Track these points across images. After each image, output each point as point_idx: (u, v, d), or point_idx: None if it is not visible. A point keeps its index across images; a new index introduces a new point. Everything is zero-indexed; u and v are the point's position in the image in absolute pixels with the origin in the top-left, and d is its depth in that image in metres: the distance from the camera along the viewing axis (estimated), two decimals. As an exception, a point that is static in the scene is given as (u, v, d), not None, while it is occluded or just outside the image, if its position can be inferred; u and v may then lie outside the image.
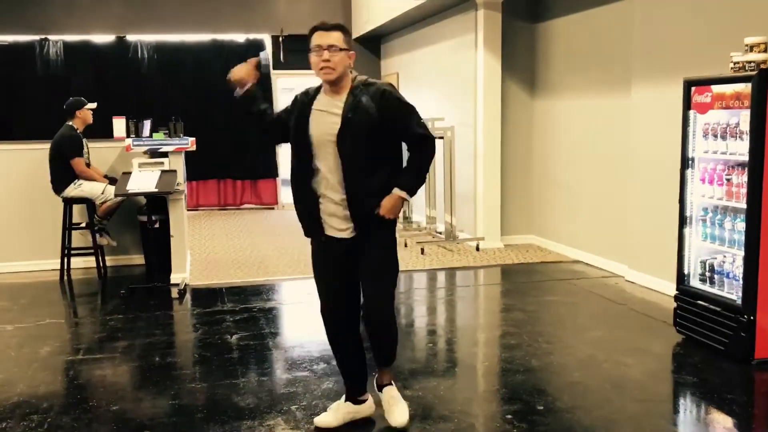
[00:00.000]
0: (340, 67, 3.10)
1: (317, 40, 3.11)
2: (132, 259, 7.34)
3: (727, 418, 3.60)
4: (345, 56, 3.12)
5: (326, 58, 3.08)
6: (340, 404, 3.50)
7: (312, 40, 3.14)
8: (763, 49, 4.17)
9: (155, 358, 4.55)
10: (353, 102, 3.13)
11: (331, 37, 3.09)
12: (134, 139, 6.90)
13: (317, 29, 3.15)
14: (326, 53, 3.07)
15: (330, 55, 3.07)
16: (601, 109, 6.82)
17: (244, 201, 11.74)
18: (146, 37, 11.15)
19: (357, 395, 3.49)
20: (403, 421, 3.39)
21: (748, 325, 4.17)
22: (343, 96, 3.17)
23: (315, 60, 3.12)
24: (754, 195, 4.12)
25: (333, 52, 3.08)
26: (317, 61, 3.11)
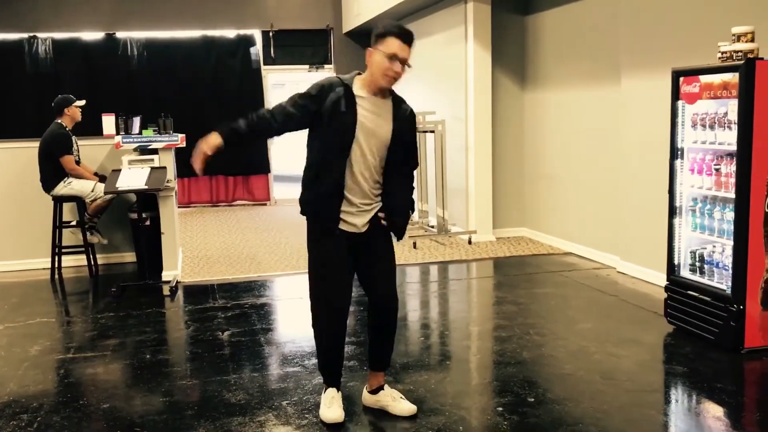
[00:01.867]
0: (401, 78, 3.22)
1: (397, 49, 3.14)
2: (123, 256, 7.32)
3: (717, 408, 3.61)
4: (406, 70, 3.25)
5: (398, 71, 3.17)
6: (339, 396, 3.51)
7: (388, 44, 3.14)
8: (750, 38, 4.17)
9: (146, 356, 4.54)
10: (401, 112, 3.31)
11: (407, 51, 3.16)
12: (124, 136, 6.87)
13: (397, 36, 3.14)
14: (400, 66, 3.16)
15: (402, 69, 3.18)
16: (591, 100, 6.82)
17: (236, 197, 11.71)
18: (136, 34, 11.09)
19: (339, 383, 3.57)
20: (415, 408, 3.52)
21: (737, 314, 4.18)
22: (388, 101, 3.30)
23: (386, 66, 3.15)
24: (742, 185, 4.13)
25: (404, 67, 3.19)
26: (388, 69, 3.15)
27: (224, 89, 11.38)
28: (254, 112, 3.38)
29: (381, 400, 3.56)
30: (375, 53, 3.18)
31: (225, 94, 11.37)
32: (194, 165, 3.31)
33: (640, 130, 5.92)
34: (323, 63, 11.61)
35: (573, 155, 7.17)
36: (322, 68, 11.64)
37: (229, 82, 11.40)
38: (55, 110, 6.76)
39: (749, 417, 3.58)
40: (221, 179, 11.64)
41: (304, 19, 11.42)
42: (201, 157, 3.31)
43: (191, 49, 11.29)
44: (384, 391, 3.58)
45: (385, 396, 3.56)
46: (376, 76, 3.19)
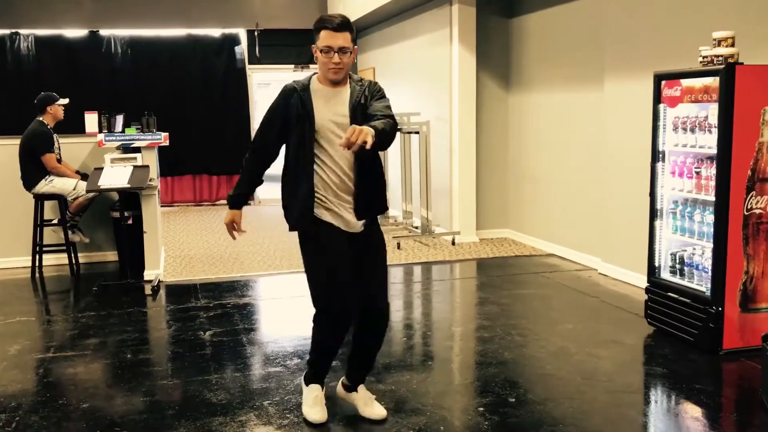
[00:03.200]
0: (347, 67, 3.13)
1: (327, 41, 3.06)
2: (105, 255, 7.27)
3: (695, 408, 3.65)
4: (352, 57, 3.13)
5: (337, 61, 3.07)
6: (319, 395, 3.48)
7: (321, 38, 3.09)
8: (731, 43, 4.22)
9: (127, 355, 4.51)
10: (357, 94, 3.16)
11: (341, 38, 3.05)
12: (106, 134, 6.83)
13: (326, 27, 3.08)
14: (336, 56, 3.06)
15: (340, 57, 3.07)
16: (575, 103, 6.87)
17: (219, 197, 11.66)
18: (120, 32, 11.03)
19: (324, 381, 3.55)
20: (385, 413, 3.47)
21: (716, 316, 4.23)
22: (345, 88, 3.19)
23: (324, 60, 3.09)
24: (722, 188, 4.17)
25: (343, 54, 3.07)
26: (327, 62, 3.09)
27: (209, 88, 11.34)
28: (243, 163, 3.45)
29: (355, 399, 3.52)
30: (315, 51, 3.16)
31: (209, 93, 11.34)
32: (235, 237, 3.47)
33: (622, 133, 5.96)
34: (308, 62, 11.59)
35: (556, 157, 7.22)
36: (307, 68, 11.62)
37: (213, 81, 11.37)
38: (38, 108, 6.70)
39: (727, 417, 3.62)
40: (205, 178, 11.59)
41: (289, 19, 11.40)
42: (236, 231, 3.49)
43: (176, 47, 11.24)
44: (357, 393, 3.52)
45: (358, 398, 3.50)
46: (322, 72, 3.17)
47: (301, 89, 3.22)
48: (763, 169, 4.17)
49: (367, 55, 11.18)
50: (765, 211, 4.20)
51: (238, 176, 11.51)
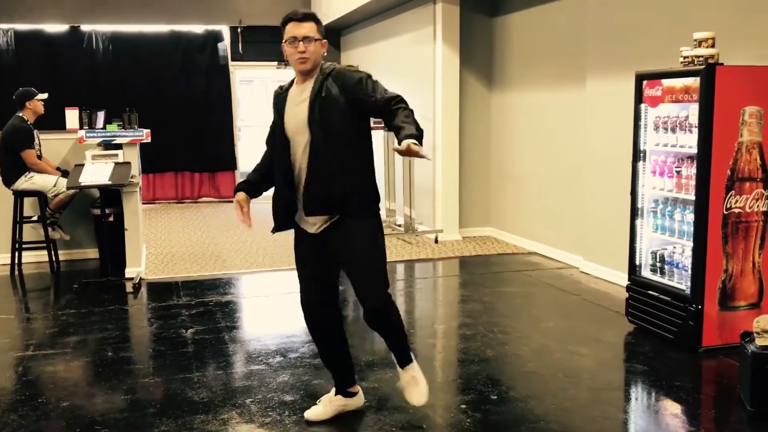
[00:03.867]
0: (314, 56, 3.11)
1: (291, 31, 3.09)
2: (85, 253, 7.20)
3: (675, 405, 3.69)
4: (319, 46, 3.13)
5: (302, 50, 3.08)
6: (330, 397, 3.48)
7: (286, 31, 3.12)
8: (711, 44, 4.26)
9: (108, 353, 4.48)
10: (318, 87, 3.12)
11: (305, 27, 3.08)
12: (87, 130, 6.78)
13: (291, 20, 3.12)
14: (301, 45, 3.07)
15: (305, 46, 3.08)
16: (557, 102, 6.90)
17: (201, 194, 11.60)
18: (101, 27, 10.92)
19: (346, 387, 3.47)
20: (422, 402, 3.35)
21: (696, 314, 4.27)
22: (309, 83, 3.16)
23: (290, 51, 3.11)
24: (702, 187, 4.21)
25: (307, 42, 3.08)
26: (293, 52, 3.10)
27: (191, 85, 11.27)
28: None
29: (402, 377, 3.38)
30: (283, 48, 3.16)
31: (192, 90, 11.27)
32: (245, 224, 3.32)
33: (603, 132, 6.01)
34: (291, 60, 11.56)
35: (538, 156, 7.25)
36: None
37: (196, 77, 11.30)
38: (17, 103, 6.63)
39: (705, 414, 3.66)
40: (187, 175, 11.51)
41: (272, 16, 11.33)
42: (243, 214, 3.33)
43: (158, 43, 11.16)
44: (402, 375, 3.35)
45: (401, 379, 3.37)
46: (293, 66, 3.18)
47: (281, 91, 3.27)
48: (742, 168, 4.21)
49: (351, 52, 11.17)
50: (744, 210, 4.25)
51: (219, 173, 11.49)
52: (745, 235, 4.28)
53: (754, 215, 4.27)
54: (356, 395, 3.51)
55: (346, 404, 3.47)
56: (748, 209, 4.25)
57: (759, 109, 4.19)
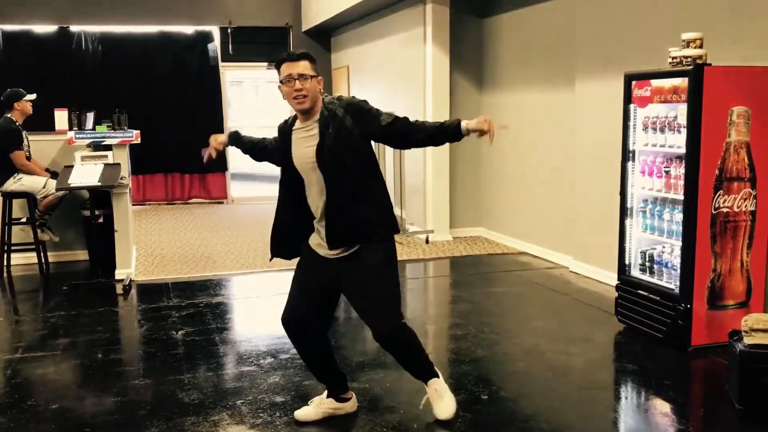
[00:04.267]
0: (312, 93, 3.13)
1: (287, 71, 3.11)
2: (75, 254, 7.17)
3: (664, 404, 3.71)
4: (315, 83, 3.15)
5: (298, 87, 3.10)
6: (322, 399, 3.47)
7: (281, 72, 3.15)
8: (699, 44, 4.28)
9: (98, 355, 4.46)
10: (326, 119, 3.14)
11: (300, 66, 3.10)
12: (77, 131, 6.76)
13: (284, 60, 3.15)
14: (297, 83, 3.09)
15: (301, 83, 3.10)
16: (547, 103, 6.92)
17: (192, 195, 11.57)
18: (91, 28, 10.87)
19: (339, 394, 3.48)
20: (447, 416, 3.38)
21: (685, 313, 4.29)
22: (314, 119, 3.18)
23: (287, 90, 3.13)
24: (690, 187, 4.24)
25: (303, 80, 3.10)
26: (290, 91, 3.12)
27: (181, 85, 11.23)
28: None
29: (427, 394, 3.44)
30: (279, 87, 3.19)
31: (182, 91, 11.23)
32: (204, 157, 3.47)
33: (593, 133, 6.03)
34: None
35: (528, 157, 7.27)
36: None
37: (186, 78, 11.27)
38: (5, 104, 6.59)
39: (694, 412, 3.69)
40: (177, 177, 11.48)
41: (262, 17, 11.35)
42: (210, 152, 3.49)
43: (148, 44, 11.12)
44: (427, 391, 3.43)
45: (427, 395, 3.44)
46: (291, 106, 3.19)
47: (286, 126, 3.31)
48: (731, 168, 4.24)
49: (341, 53, 11.17)
50: (732, 210, 4.28)
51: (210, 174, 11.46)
52: (734, 234, 4.30)
53: (742, 215, 4.30)
54: (349, 401, 3.51)
55: (337, 408, 3.47)
56: (736, 209, 4.28)
57: (746, 109, 4.22)
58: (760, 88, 4.26)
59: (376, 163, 3.27)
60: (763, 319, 3.53)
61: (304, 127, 3.20)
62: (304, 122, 3.21)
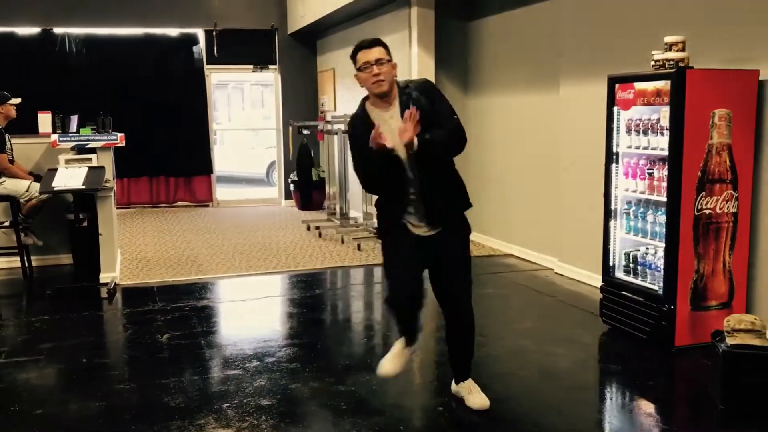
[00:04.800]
0: (388, 77, 3.24)
1: (363, 58, 3.23)
2: (59, 258, 7.12)
3: (648, 404, 3.74)
4: (390, 67, 3.26)
5: (376, 72, 3.21)
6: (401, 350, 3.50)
7: (358, 60, 3.26)
8: (682, 47, 4.33)
9: (83, 360, 4.43)
10: (405, 102, 3.25)
11: (374, 52, 3.22)
12: (61, 134, 6.70)
13: (360, 48, 3.26)
14: (375, 67, 3.21)
15: (378, 68, 3.21)
16: (532, 105, 6.96)
17: (177, 198, 11.51)
18: (74, 30, 10.80)
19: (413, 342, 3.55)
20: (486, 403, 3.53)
21: (668, 314, 4.33)
22: (395, 103, 3.29)
23: (365, 76, 3.24)
24: (673, 188, 4.28)
25: (380, 65, 3.22)
26: (368, 77, 3.23)
27: (166, 88, 11.19)
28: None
29: (461, 390, 3.62)
30: (357, 75, 3.30)
31: (167, 94, 11.18)
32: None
33: (577, 135, 6.07)
34: (267, 63, 11.54)
35: (513, 159, 7.31)
36: (267, 69, 11.56)
37: (171, 80, 11.22)
38: (-12, 107, 6.54)
39: (678, 412, 3.72)
40: (162, 180, 11.42)
41: (248, 19, 11.33)
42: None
43: (132, 46, 11.07)
44: (464, 383, 3.61)
45: (464, 387, 3.61)
46: (370, 91, 3.29)
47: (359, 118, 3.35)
48: (713, 170, 4.28)
49: (327, 56, 11.17)
50: (714, 212, 4.32)
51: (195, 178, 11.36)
52: (716, 236, 4.35)
53: (724, 216, 4.34)
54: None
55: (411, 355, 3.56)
56: (719, 210, 4.32)
57: (728, 111, 4.26)
58: (742, 90, 4.31)
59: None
60: (745, 320, 3.57)
61: (389, 113, 3.28)
62: (385, 109, 3.29)
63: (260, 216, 10.40)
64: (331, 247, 7.83)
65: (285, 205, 11.52)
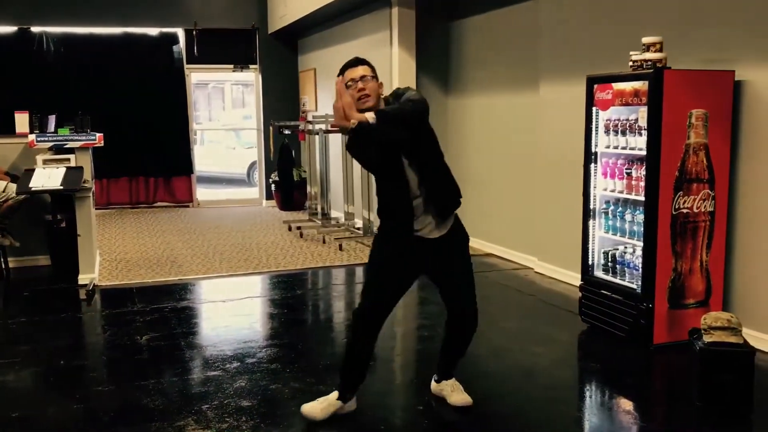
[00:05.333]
0: (373, 93, 3.28)
1: (349, 76, 3.30)
2: (37, 259, 7.03)
3: (627, 402, 3.77)
4: (375, 84, 3.32)
5: (361, 87, 3.27)
6: (330, 401, 3.48)
7: (344, 78, 3.33)
8: (659, 48, 4.37)
9: (61, 362, 4.38)
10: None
11: (359, 70, 3.31)
12: (38, 134, 6.63)
13: (344, 68, 3.35)
14: (360, 83, 3.27)
15: (363, 84, 3.27)
16: (512, 106, 6.99)
17: (157, 199, 11.43)
18: (52, 29, 10.69)
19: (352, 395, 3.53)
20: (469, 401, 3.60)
21: (647, 312, 4.37)
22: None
23: (352, 93, 3.26)
24: (651, 188, 4.32)
25: (365, 81, 3.27)
26: (354, 93, 3.26)
27: (146, 87, 11.10)
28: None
29: (443, 389, 3.67)
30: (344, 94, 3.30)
31: (146, 93, 11.09)
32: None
33: (556, 135, 6.11)
34: (248, 63, 11.49)
35: (494, 159, 7.34)
36: (247, 68, 11.52)
37: (150, 80, 11.14)
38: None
39: (656, 410, 3.76)
40: (141, 180, 11.33)
41: (228, 19, 11.27)
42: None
43: (111, 45, 10.97)
44: (447, 381, 3.68)
45: (446, 386, 3.67)
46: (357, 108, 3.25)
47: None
48: (690, 170, 4.33)
49: (308, 56, 11.15)
50: (692, 211, 4.37)
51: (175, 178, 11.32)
52: (693, 234, 4.39)
53: (701, 215, 4.39)
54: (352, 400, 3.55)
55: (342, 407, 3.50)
56: (696, 210, 4.37)
57: (705, 111, 4.31)
58: (718, 91, 4.36)
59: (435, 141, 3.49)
60: (721, 318, 3.61)
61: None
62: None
63: (241, 216, 10.36)
64: (313, 248, 7.82)
65: (266, 205, 11.48)
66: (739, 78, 4.39)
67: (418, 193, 3.33)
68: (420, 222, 3.36)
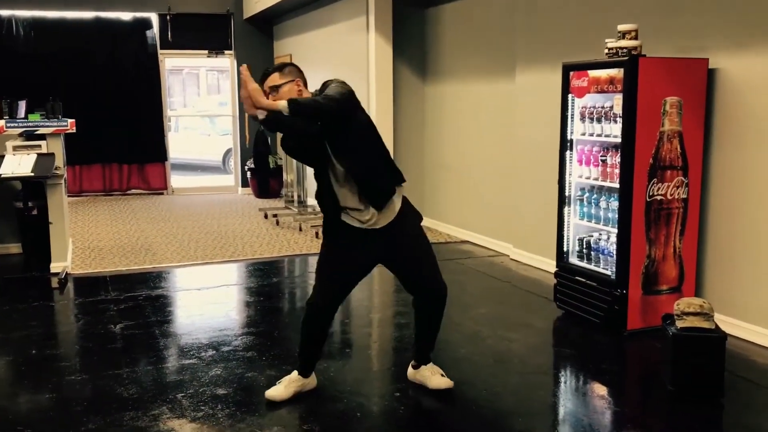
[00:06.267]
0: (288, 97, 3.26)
1: (264, 87, 3.36)
2: (8, 248, 6.92)
3: (601, 387, 3.81)
4: (290, 87, 3.36)
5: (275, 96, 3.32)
6: (291, 378, 3.58)
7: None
8: (634, 36, 4.38)
9: (32, 351, 4.32)
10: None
11: (269, 80, 3.38)
12: (8, 120, 6.50)
13: (261, 79, 3.38)
14: (271, 97, 3.31)
15: (273, 97, 3.30)
16: (488, 93, 7.00)
17: (130, 186, 11.30)
18: (21, 13, 10.48)
19: (311, 371, 3.64)
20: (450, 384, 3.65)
21: (621, 298, 4.41)
22: None
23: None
24: (626, 175, 4.34)
25: (275, 91, 3.34)
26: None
27: (118, 73, 10.94)
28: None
29: (422, 373, 3.70)
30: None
31: (119, 78, 10.94)
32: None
33: (532, 123, 6.13)
34: (223, 49, 11.37)
35: (470, 146, 7.35)
36: (222, 54, 11.39)
37: (123, 65, 10.97)
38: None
39: (630, 395, 3.80)
40: (115, 167, 11.19)
41: (203, 3, 11.13)
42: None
43: (83, 30, 10.78)
44: (425, 366, 3.71)
45: (425, 369, 3.70)
46: None
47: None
48: (664, 157, 4.36)
49: (284, 41, 11.05)
50: (666, 198, 4.41)
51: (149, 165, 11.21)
52: (667, 221, 4.44)
53: (675, 202, 4.43)
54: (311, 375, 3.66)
55: (305, 384, 3.60)
56: (670, 196, 4.41)
57: (679, 99, 4.34)
58: (692, 79, 4.40)
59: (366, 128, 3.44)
60: (694, 303, 3.66)
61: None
62: None
63: (216, 204, 10.28)
64: (289, 235, 7.79)
65: (242, 192, 11.40)
66: (712, 66, 4.43)
67: (346, 184, 3.35)
68: (362, 214, 3.38)
